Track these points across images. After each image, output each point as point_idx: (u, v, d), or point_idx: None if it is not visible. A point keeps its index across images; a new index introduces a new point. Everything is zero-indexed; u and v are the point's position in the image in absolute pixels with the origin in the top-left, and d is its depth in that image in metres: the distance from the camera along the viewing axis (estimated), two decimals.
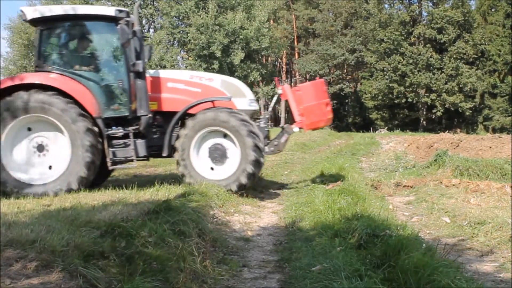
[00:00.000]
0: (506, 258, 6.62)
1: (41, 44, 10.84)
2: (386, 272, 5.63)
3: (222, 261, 6.53)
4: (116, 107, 10.85)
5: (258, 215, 9.52)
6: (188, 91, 11.41)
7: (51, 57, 10.94)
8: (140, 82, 10.81)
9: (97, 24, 11.04)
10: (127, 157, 10.80)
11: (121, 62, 10.93)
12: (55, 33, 11.00)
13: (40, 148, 10.51)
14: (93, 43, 11.25)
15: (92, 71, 10.92)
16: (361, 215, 7.89)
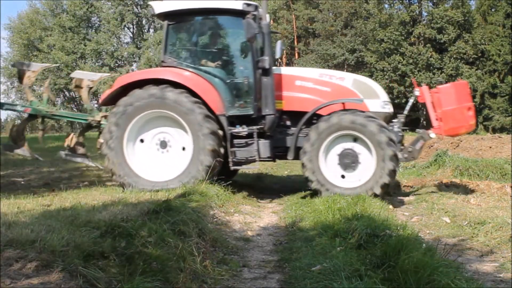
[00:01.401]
0: (506, 258, 6.61)
1: (168, 39, 10.84)
2: (386, 272, 5.62)
3: (222, 261, 6.53)
4: (240, 105, 10.67)
5: (258, 215, 9.52)
6: (317, 90, 10.89)
7: (177, 52, 11.03)
8: (266, 79, 10.47)
9: (224, 18, 10.99)
10: (249, 157, 10.56)
11: (247, 58, 10.74)
12: (182, 27, 11.06)
13: (163, 145, 10.60)
14: (220, 38, 11.23)
15: (218, 67, 10.85)
16: (361, 215, 7.88)
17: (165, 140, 10.58)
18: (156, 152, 10.60)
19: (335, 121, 10.07)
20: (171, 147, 10.58)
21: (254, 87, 10.51)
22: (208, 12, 10.78)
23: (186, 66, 10.66)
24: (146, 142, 10.59)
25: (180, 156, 10.49)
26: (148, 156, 10.60)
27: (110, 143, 10.36)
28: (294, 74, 11.13)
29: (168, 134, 10.58)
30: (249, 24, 10.05)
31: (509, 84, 47.42)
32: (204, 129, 10.07)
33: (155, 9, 10.70)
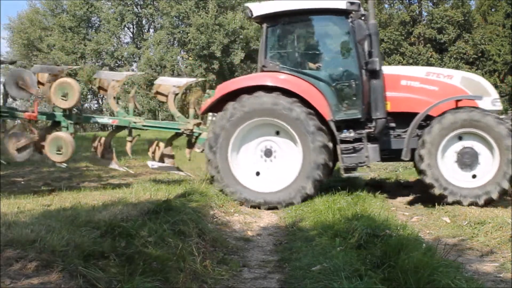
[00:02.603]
0: (506, 258, 6.62)
1: (268, 42, 10.56)
2: (386, 272, 5.63)
3: (222, 261, 6.53)
4: (348, 109, 10.28)
5: (258, 215, 9.52)
6: (424, 89, 10.45)
7: (278, 55, 10.66)
8: (376, 82, 10.08)
9: (326, 18, 10.61)
10: (359, 163, 10.18)
11: (353, 60, 10.32)
12: (281, 29, 10.68)
13: (267, 153, 10.41)
14: (322, 39, 10.98)
15: (322, 70, 10.51)
16: (361, 215, 7.89)
17: (270, 148, 10.38)
18: (260, 160, 10.42)
19: (450, 119, 9.73)
20: (276, 156, 10.37)
21: (361, 90, 10.19)
22: (309, 12, 10.43)
23: (289, 70, 10.33)
24: (250, 150, 10.40)
25: (286, 166, 10.26)
26: (251, 165, 10.42)
27: (215, 148, 10.17)
28: (399, 73, 10.76)
29: (273, 143, 10.37)
30: (360, 25, 9.86)
31: (509, 84, 47.41)
32: (316, 142, 9.84)
33: (253, 11, 10.48)
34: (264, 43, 10.54)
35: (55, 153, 10.60)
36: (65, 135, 10.78)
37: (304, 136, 9.86)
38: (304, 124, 9.83)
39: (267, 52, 10.51)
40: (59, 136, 10.70)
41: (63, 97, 10.59)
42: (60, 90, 10.63)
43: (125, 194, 8.79)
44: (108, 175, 13.37)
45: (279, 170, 10.29)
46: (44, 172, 14.54)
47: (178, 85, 11.45)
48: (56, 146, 10.53)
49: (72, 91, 10.65)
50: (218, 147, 10.12)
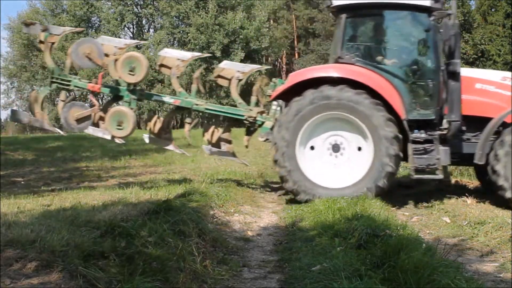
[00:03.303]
0: (506, 258, 6.63)
1: (345, 33, 10.29)
2: (386, 272, 5.62)
3: (222, 261, 6.52)
4: (421, 109, 10.09)
5: (258, 215, 9.51)
6: (499, 94, 10.15)
7: (355, 48, 10.41)
8: (454, 83, 9.83)
9: (408, 14, 10.33)
10: (430, 165, 9.78)
11: (432, 59, 10.17)
12: (360, 22, 10.63)
13: (335, 148, 10.20)
14: (402, 35, 10.76)
15: (399, 66, 10.32)
16: (361, 215, 7.88)
17: (338, 143, 10.16)
18: (328, 156, 10.20)
19: None
20: (345, 150, 10.16)
21: (438, 90, 10.02)
22: (391, 6, 10.21)
23: (364, 64, 10.12)
24: (317, 146, 10.18)
25: (355, 160, 10.08)
26: (320, 161, 10.20)
27: (282, 148, 9.95)
28: (474, 76, 10.49)
29: (341, 137, 10.15)
30: (447, 24, 9.75)
31: None
32: (387, 133, 9.60)
33: (333, 2, 10.33)
34: (341, 34, 10.28)
35: (116, 128, 10.42)
36: (127, 110, 10.56)
37: (374, 128, 9.63)
38: (375, 116, 9.62)
39: (344, 44, 10.29)
40: (121, 111, 10.52)
41: (131, 72, 10.41)
42: (127, 64, 10.44)
43: (125, 194, 8.79)
44: (108, 175, 13.38)
45: (349, 164, 10.14)
46: (44, 172, 14.55)
47: (243, 71, 11.26)
48: (117, 121, 10.35)
49: (140, 66, 10.43)
50: (285, 146, 9.94)
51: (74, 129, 10.73)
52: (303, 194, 9.87)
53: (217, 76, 11.41)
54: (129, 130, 10.45)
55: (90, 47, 10.41)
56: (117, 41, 11.22)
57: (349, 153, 10.12)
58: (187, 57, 11.29)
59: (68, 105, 10.70)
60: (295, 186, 9.91)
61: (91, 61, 10.40)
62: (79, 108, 10.62)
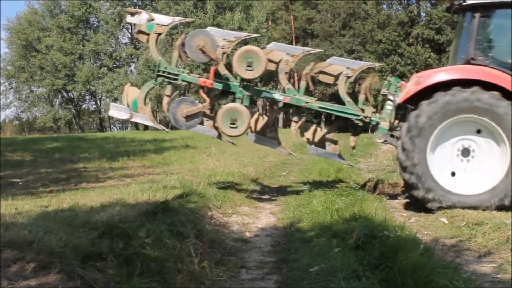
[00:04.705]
0: (504, 259, 6.62)
1: (479, 33, 9.87)
2: (384, 273, 5.64)
3: (220, 262, 6.53)
4: None
5: (256, 216, 9.51)
6: None
7: (488, 49, 10.04)
8: None
9: None
10: None
11: None
12: (496, 22, 10.08)
13: (465, 153, 9.74)
14: None
15: None
16: (359, 216, 7.90)
17: (468, 147, 9.71)
18: (457, 161, 9.76)
19: None
20: (475, 155, 9.70)
21: None
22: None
23: (499, 66, 9.69)
24: (446, 150, 9.73)
25: (487, 165, 9.65)
26: (449, 166, 9.77)
27: (412, 154, 9.49)
28: None
29: (471, 141, 9.71)
30: None
31: None
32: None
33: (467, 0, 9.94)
34: (474, 34, 9.85)
35: (229, 126, 9.96)
36: (242, 107, 10.10)
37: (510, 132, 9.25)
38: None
39: (476, 44, 9.88)
40: (236, 108, 10.06)
41: (249, 67, 9.97)
42: (245, 59, 10.00)
43: (123, 195, 8.77)
44: (105, 176, 13.36)
45: (479, 169, 9.70)
46: (42, 173, 14.53)
47: (352, 68, 10.65)
48: (231, 119, 9.92)
49: (258, 61, 9.94)
50: (416, 153, 9.51)
51: (182, 126, 10.31)
52: (437, 202, 9.47)
53: (319, 72, 10.82)
54: (243, 129, 10.01)
55: (204, 39, 10.04)
56: (226, 33, 10.87)
57: (481, 158, 9.71)
58: (297, 52, 10.79)
59: (178, 100, 10.35)
60: (428, 194, 9.49)
61: (204, 54, 10.07)
62: (189, 104, 10.18)
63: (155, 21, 10.42)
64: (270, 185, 12.92)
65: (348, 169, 14.49)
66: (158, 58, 10.58)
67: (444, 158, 9.71)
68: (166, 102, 10.55)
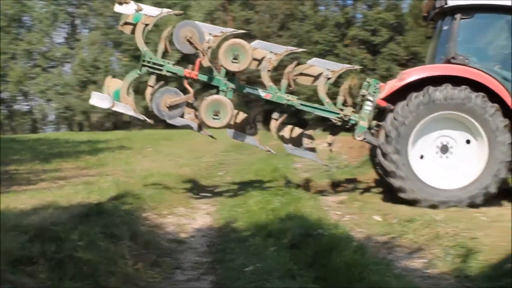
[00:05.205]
0: (433, 254, 6.81)
1: (459, 34, 10.20)
2: (319, 271, 5.71)
3: (155, 264, 6.46)
4: None
5: (192, 217, 9.45)
6: None
7: (468, 49, 10.27)
8: None
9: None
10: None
11: None
12: (476, 23, 10.38)
13: (443, 149, 10.03)
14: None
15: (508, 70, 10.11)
16: (294, 215, 7.98)
17: (447, 144, 10.00)
18: (436, 157, 10.05)
19: None
20: (453, 153, 9.99)
21: None
22: (508, 10, 10.11)
23: (476, 65, 10.04)
24: (426, 147, 10.03)
25: (464, 163, 9.93)
26: (430, 163, 10.03)
27: (394, 156, 9.73)
28: None
29: (449, 138, 10.01)
30: None
31: None
32: (505, 138, 9.54)
33: (448, 2, 10.28)
34: (455, 34, 10.23)
35: (212, 118, 9.90)
36: (226, 99, 10.06)
37: (491, 132, 9.57)
38: (495, 120, 9.57)
39: (456, 44, 10.21)
40: (220, 100, 10.00)
41: (234, 60, 10.01)
42: (231, 51, 10.04)
43: (56, 198, 8.60)
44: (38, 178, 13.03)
45: (455, 167, 10.00)
46: None
47: (333, 70, 10.81)
48: (214, 110, 9.87)
49: (244, 54, 10.06)
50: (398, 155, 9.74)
51: (164, 116, 10.18)
52: (424, 201, 9.61)
53: (300, 74, 10.91)
54: (225, 121, 9.97)
55: (192, 30, 9.98)
56: (212, 28, 10.80)
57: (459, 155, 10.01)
58: (280, 50, 10.87)
59: (162, 90, 10.23)
60: (414, 194, 9.70)
61: (191, 45, 9.98)
62: (173, 94, 10.11)
63: (143, 11, 10.42)
64: (206, 185, 12.86)
65: (284, 169, 14.62)
66: (144, 48, 10.46)
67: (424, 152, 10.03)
68: (149, 93, 10.46)
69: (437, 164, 10.01)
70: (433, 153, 10.02)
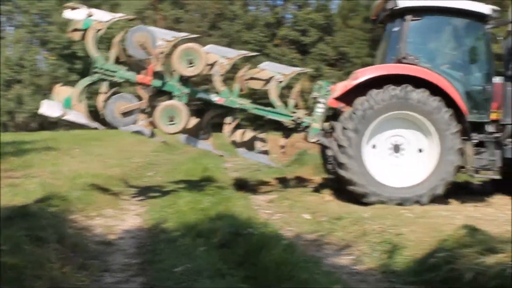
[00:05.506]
0: (361, 251, 6.97)
1: (409, 35, 10.41)
2: (249, 270, 5.73)
3: (82, 267, 6.33)
4: (478, 112, 10.43)
5: (121, 218, 9.31)
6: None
7: (417, 49, 10.49)
8: (510, 88, 10.44)
9: (468, 20, 10.65)
10: (484, 166, 10.22)
11: (489, 64, 10.59)
12: (423, 24, 10.57)
13: (396, 149, 10.21)
14: (464, 40, 10.93)
15: (458, 70, 10.53)
16: (224, 215, 7.99)
17: (398, 143, 10.25)
18: (389, 156, 10.25)
19: None
20: (405, 150, 10.25)
21: (492, 95, 10.47)
22: (455, 12, 10.54)
23: (427, 66, 10.30)
24: (379, 146, 10.20)
25: (416, 159, 10.21)
26: (382, 162, 10.20)
27: (349, 150, 9.84)
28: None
29: (401, 137, 10.25)
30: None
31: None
32: (452, 128, 9.84)
33: (399, 3, 10.45)
34: (405, 35, 10.46)
35: (167, 124, 9.85)
36: (181, 104, 10.00)
37: (439, 124, 9.87)
38: (449, 124, 9.86)
39: (407, 45, 10.43)
40: (175, 105, 9.96)
41: (189, 64, 9.95)
42: (185, 56, 9.97)
43: None
44: None
45: (409, 164, 10.25)
46: None
47: (284, 73, 10.98)
48: (168, 116, 9.80)
49: (199, 58, 9.98)
50: (352, 149, 9.89)
51: (118, 123, 10.04)
52: (374, 196, 9.79)
53: (250, 78, 11.02)
54: (181, 127, 9.93)
55: (145, 35, 9.80)
56: (164, 32, 10.61)
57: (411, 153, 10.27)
58: (233, 55, 10.83)
59: (115, 97, 10.06)
60: (364, 189, 9.85)
61: (145, 50, 9.81)
62: (127, 101, 9.99)
63: (94, 17, 10.14)
64: (136, 186, 12.72)
65: (215, 169, 14.61)
66: (96, 54, 10.23)
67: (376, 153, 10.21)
68: (101, 100, 10.34)
69: (389, 162, 10.27)
70: (386, 151, 10.28)
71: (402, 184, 9.98)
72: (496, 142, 10.39)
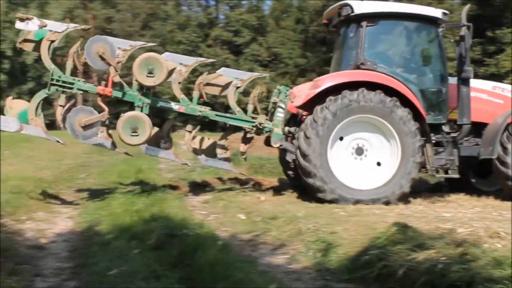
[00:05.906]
0: (296, 249, 7.02)
1: (366, 41, 10.56)
2: (184, 271, 5.71)
3: (13, 272, 6.16)
4: (434, 113, 10.78)
5: (52, 221, 9.12)
6: (491, 102, 11.25)
7: (375, 55, 10.72)
8: (465, 89, 10.76)
9: (421, 24, 11.02)
10: (442, 165, 10.62)
11: (442, 67, 10.96)
12: (379, 30, 10.83)
13: (358, 152, 10.40)
14: (418, 44, 11.27)
15: (414, 73, 10.92)
16: (159, 216, 7.94)
17: (361, 146, 10.43)
18: (352, 159, 10.44)
19: None
20: (368, 152, 10.45)
21: (447, 96, 10.81)
22: (406, 16, 10.86)
23: (385, 70, 10.52)
24: (342, 151, 10.37)
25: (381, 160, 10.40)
26: (346, 165, 10.35)
27: (313, 158, 9.93)
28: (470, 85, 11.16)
29: (364, 140, 10.42)
30: (469, 34, 10.53)
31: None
32: (417, 142, 10.07)
33: (355, 9, 10.57)
34: (361, 41, 10.58)
35: (130, 135, 9.73)
36: (143, 115, 9.94)
37: (405, 136, 10.05)
38: (407, 124, 10.04)
39: (364, 51, 10.55)
40: (137, 116, 9.88)
41: (149, 74, 9.83)
42: (145, 66, 9.84)
43: None
44: None
45: (372, 166, 10.46)
46: None
47: (242, 78, 11.05)
48: (131, 127, 9.66)
49: (159, 68, 9.90)
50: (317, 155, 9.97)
51: (78, 136, 9.78)
52: (343, 200, 9.94)
53: (207, 84, 10.98)
54: (144, 138, 9.87)
55: (104, 46, 9.64)
56: (121, 42, 10.43)
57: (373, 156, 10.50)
58: (190, 62, 10.79)
59: (76, 109, 9.82)
60: (333, 194, 9.98)
61: (103, 61, 9.62)
62: (87, 113, 9.73)
63: (48, 27, 9.91)
64: (68, 188, 12.49)
65: (149, 170, 14.51)
66: (52, 66, 9.97)
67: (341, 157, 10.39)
68: (60, 113, 10.12)
69: (353, 165, 10.47)
70: (349, 155, 10.48)
71: (369, 186, 10.21)
72: (454, 142, 10.84)
